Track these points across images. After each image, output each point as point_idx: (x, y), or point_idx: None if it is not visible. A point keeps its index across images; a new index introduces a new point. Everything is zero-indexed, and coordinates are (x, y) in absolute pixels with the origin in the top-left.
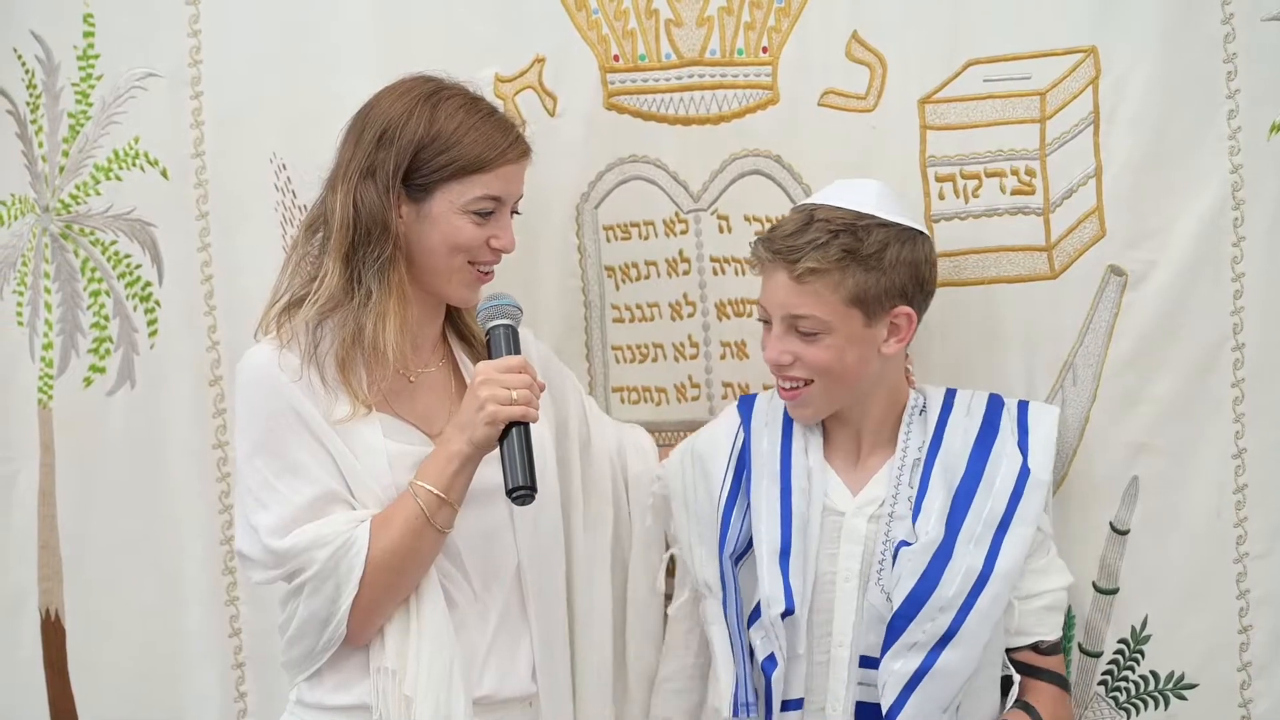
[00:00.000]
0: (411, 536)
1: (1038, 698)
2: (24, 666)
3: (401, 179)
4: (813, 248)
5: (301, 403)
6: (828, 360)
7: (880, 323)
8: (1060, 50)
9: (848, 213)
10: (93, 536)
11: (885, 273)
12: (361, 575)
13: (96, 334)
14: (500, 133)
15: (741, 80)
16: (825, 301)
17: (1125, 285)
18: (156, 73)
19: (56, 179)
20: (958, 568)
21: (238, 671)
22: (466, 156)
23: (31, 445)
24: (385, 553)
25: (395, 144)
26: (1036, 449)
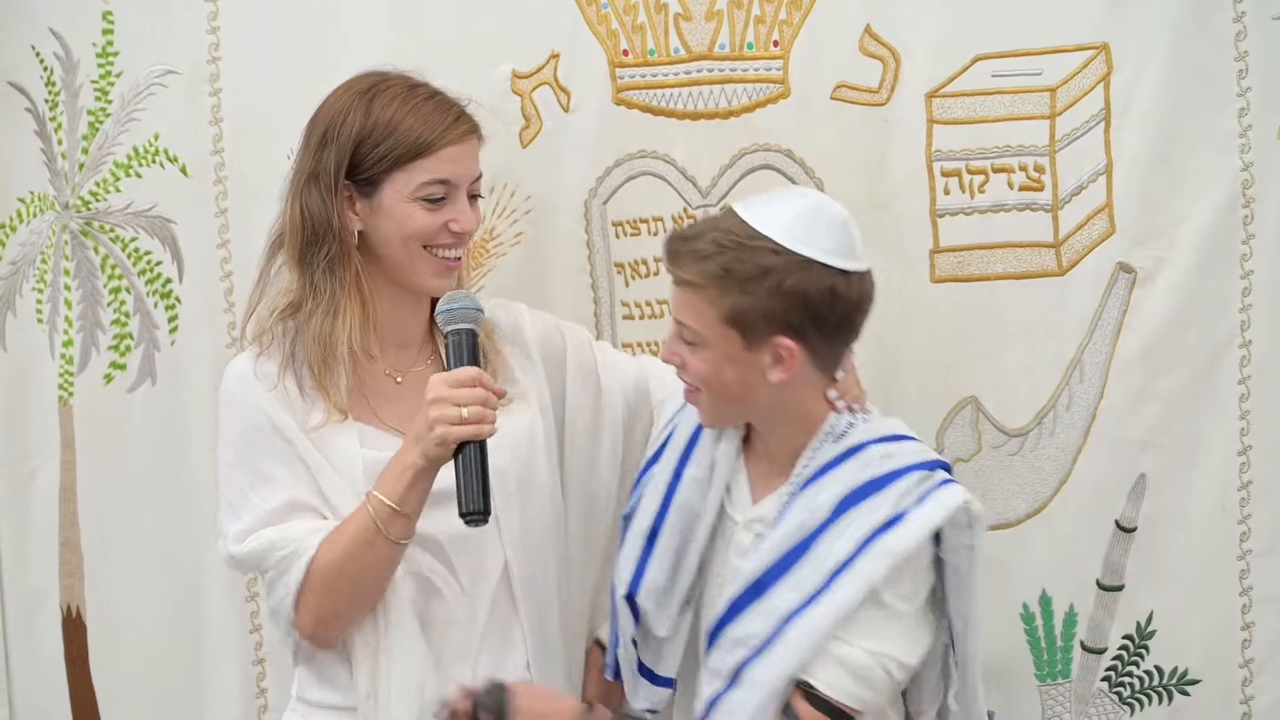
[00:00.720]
0: (362, 546)
1: None
2: (46, 663)
3: (347, 175)
4: (694, 259)
5: (276, 412)
6: (706, 373)
7: (762, 349)
8: (1071, 47)
9: (747, 230)
10: (114, 533)
11: (762, 299)
12: (303, 581)
13: (117, 331)
14: (439, 115)
15: (751, 74)
16: (702, 315)
17: (1134, 282)
18: (176, 70)
19: (76, 176)
20: (768, 608)
21: (258, 667)
22: (404, 143)
23: (52, 442)
24: (335, 561)
25: (335, 143)
26: (910, 523)
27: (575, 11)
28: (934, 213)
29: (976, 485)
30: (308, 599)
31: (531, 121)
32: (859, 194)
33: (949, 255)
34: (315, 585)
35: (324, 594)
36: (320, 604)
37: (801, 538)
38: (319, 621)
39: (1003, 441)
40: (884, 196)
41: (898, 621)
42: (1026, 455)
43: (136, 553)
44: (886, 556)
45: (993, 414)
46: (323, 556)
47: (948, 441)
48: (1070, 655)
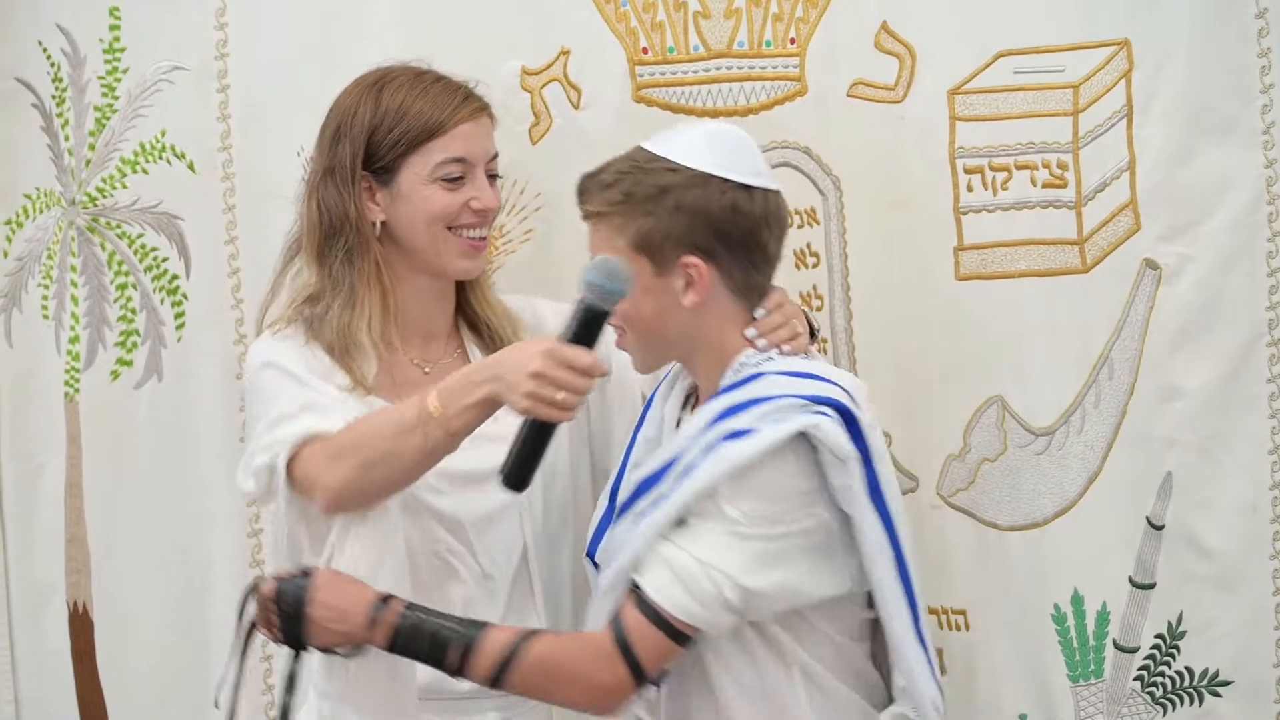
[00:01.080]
0: (397, 429)
1: (578, 634)
2: (52, 659)
3: (364, 166)
4: (598, 189)
5: (303, 362)
6: (625, 309)
7: (672, 272)
8: (1093, 43)
9: (645, 154)
10: (120, 529)
11: (664, 219)
12: (305, 437)
13: (124, 327)
14: (448, 95)
15: (770, 72)
16: (612, 246)
17: (1160, 279)
18: (183, 66)
19: (83, 172)
20: (633, 516)
21: (265, 664)
22: (416, 125)
23: (58, 439)
24: (366, 431)
25: (348, 136)
26: (754, 437)
27: (590, 8)
28: (957, 210)
29: (1004, 485)
30: (320, 457)
31: (541, 118)
32: (877, 191)
33: (973, 253)
34: (334, 448)
35: (341, 457)
36: (344, 463)
37: (673, 454)
38: (336, 482)
39: (1029, 440)
40: (902, 194)
41: (739, 540)
42: (1054, 454)
43: (143, 549)
44: (722, 463)
45: (1018, 413)
46: (358, 425)
47: (974, 441)
48: (1103, 655)
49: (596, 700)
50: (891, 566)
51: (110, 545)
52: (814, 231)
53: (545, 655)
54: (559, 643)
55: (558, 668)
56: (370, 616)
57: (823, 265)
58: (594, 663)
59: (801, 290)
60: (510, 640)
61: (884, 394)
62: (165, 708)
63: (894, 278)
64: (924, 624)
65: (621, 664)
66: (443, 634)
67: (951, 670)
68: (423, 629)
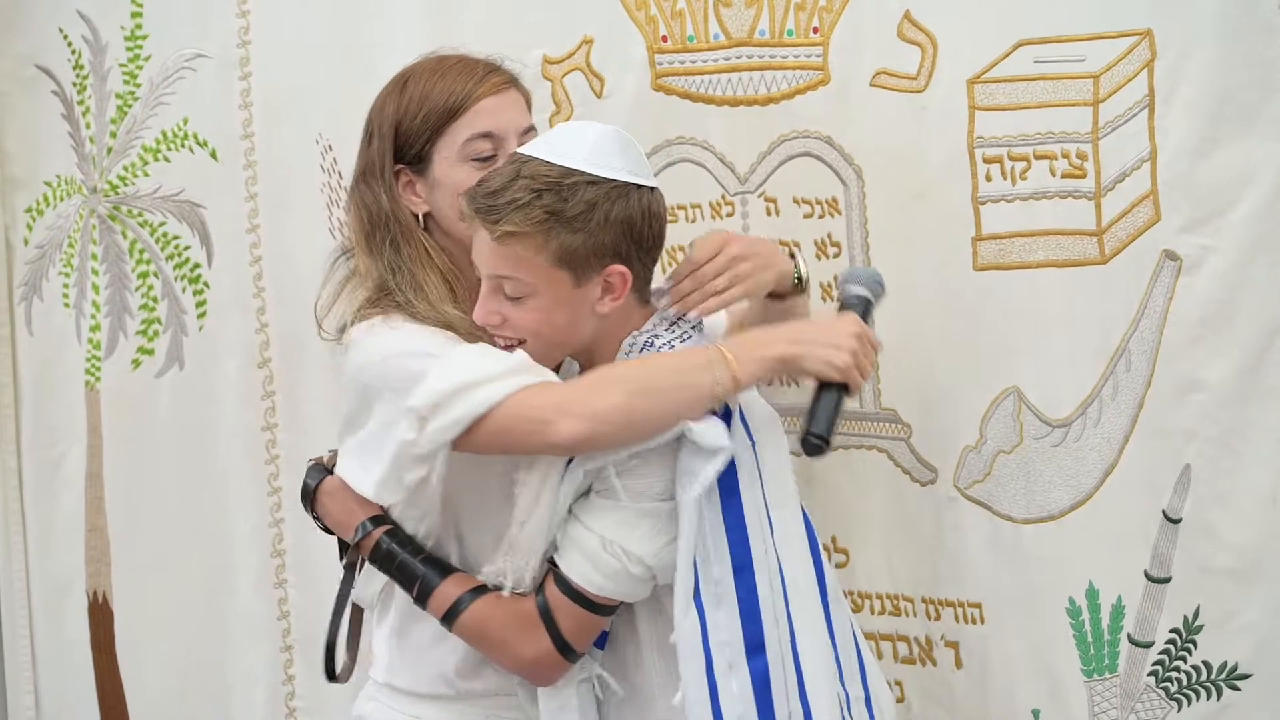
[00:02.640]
0: (674, 365)
1: (511, 598)
2: (71, 649)
3: (398, 160)
4: (513, 209)
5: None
6: (535, 323)
7: (591, 283)
8: (1114, 33)
9: (555, 169)
10: (141, 519)
11: (593, 233)
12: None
13: (145, 316)
14: (466, 73)
15: (791, 61)
16: (529, 264)
17: (1180, 270)
18: (205, 54)
19: (104, 160)
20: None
21: (286, 654)
22: (438, 108)
23: (79, 427)
24: (641, 365)
25: (378, 134)
26: None
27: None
28: (976, 200)
29: (1020, 477)
30: (567, 392)
31: (562, 107)
32: (898, 181)
33: (991, 243)
34: (591, 382)
35: (607, 386)
36: (598, 393)
37: None
38: (607, 413)
39: (1045, 432)
40: (922, 184)
41: (625, 511)
42: (1070, 446)
43: (164, 538)
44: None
45: (1035, 404)
46: (618, 367)
47: (990, 433)
48: (1118, 650)
49: (524, 669)
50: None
51: (131, 535)
52: (835, 221)
53: (478, 620)
54: (494, 609)
55: (488, 633)
56: (356, 533)
57: (844, 255)
58: (520, 634)
59: (822, 281)
60: (455, 595)
61: (903, 385)
62: (185, 698)
63: (912, 268)
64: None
65: (545, 636)
66: (408, 568)
67: (966, 664)
68: (393, 558)
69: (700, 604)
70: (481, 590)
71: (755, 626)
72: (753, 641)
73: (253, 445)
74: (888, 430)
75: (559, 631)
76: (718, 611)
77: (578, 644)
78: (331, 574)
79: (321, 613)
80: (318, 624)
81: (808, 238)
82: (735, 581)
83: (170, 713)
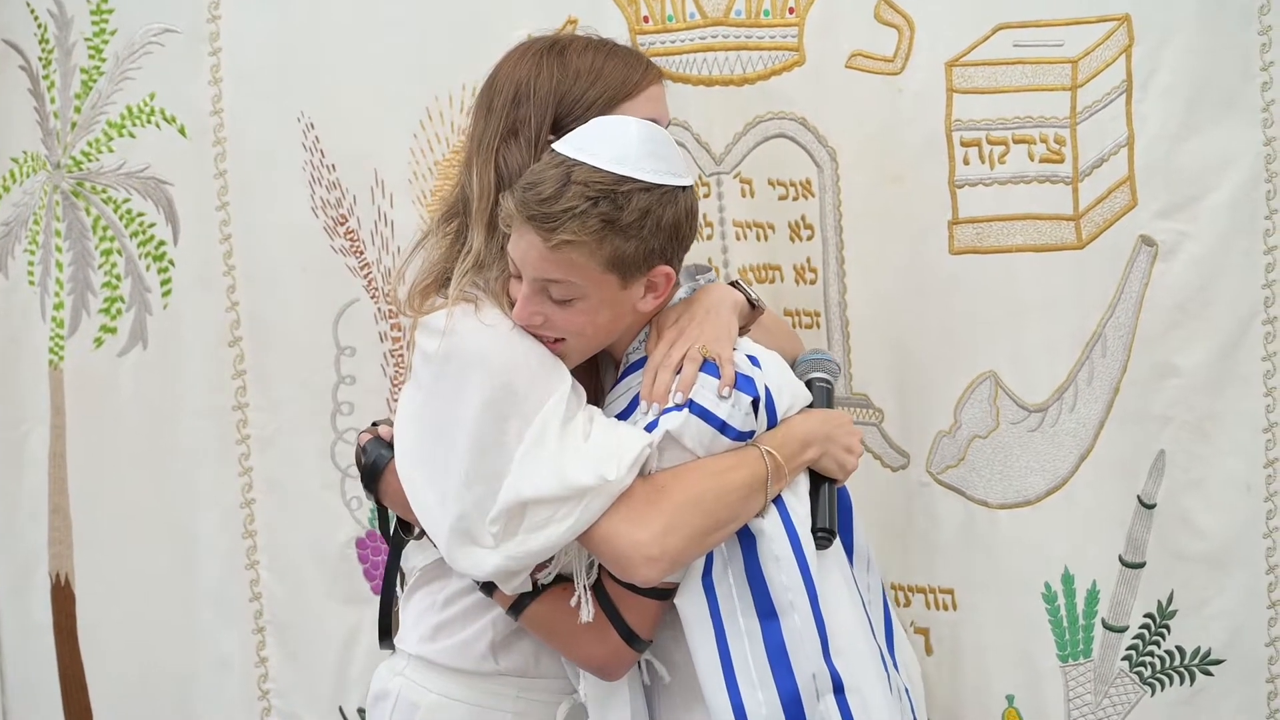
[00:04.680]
0: (736, 488)
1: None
2: (37, 631)
3: (551, 128)
4: (569, 217)
5: (532, 358)
6: (579, 325)
7: (637, 283)
8: (1093, 18)
9: (607, 175)
10: (103, 500)
11: (645, 240)
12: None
13: (108, 294)
14: (634, 57)
15: (767, 42)
16: (580, 268)
17: (1156, 256)
18: (174, 29)
19: (68, 135)
20: None
21: (259, 636)
22: (613, 85)
23: (42, 407)
24: (705, 486)
25: (533, 99)
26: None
27: None
28: (953, 183)
29: (995, 461)
30: (645, 521)
31: None
32: (874, 164)
33: (968, 227)
34: (662, 511)
35: (676, 524)
36: (670, 534)
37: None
38: (677, 557)
39: (1022, 417)
40: (899, 167)
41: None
42: (1046, 431)
43: (127, 520)
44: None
45: (1011, 389)
46: (681, 484)
47: (965, 418)
48: (1092, 634)
49: (593, 665)
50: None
51: (93, 516)
52: (809, 204)
53: (545, 614)
54: (561, 604)
55: (556, 629)
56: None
57: (817, 238)
58: (586, 629)
59: (796, 263)
60: (516, 598)
61: (876, 369)
62: (147, 682)
63: (888, 251)
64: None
65: (611, 630)
66: None
67: (939, 650)
68: None
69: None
70: (539, 591)
71: (763, 592)
72: (764, 608)
73: (223, 425)
74: (859, 415)
75: (625, 623)
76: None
77: (644, 633)
78: (305, 556)
79: (294, 595)
80: (291, 606)
81: (782, 220)
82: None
83: (132, 697)
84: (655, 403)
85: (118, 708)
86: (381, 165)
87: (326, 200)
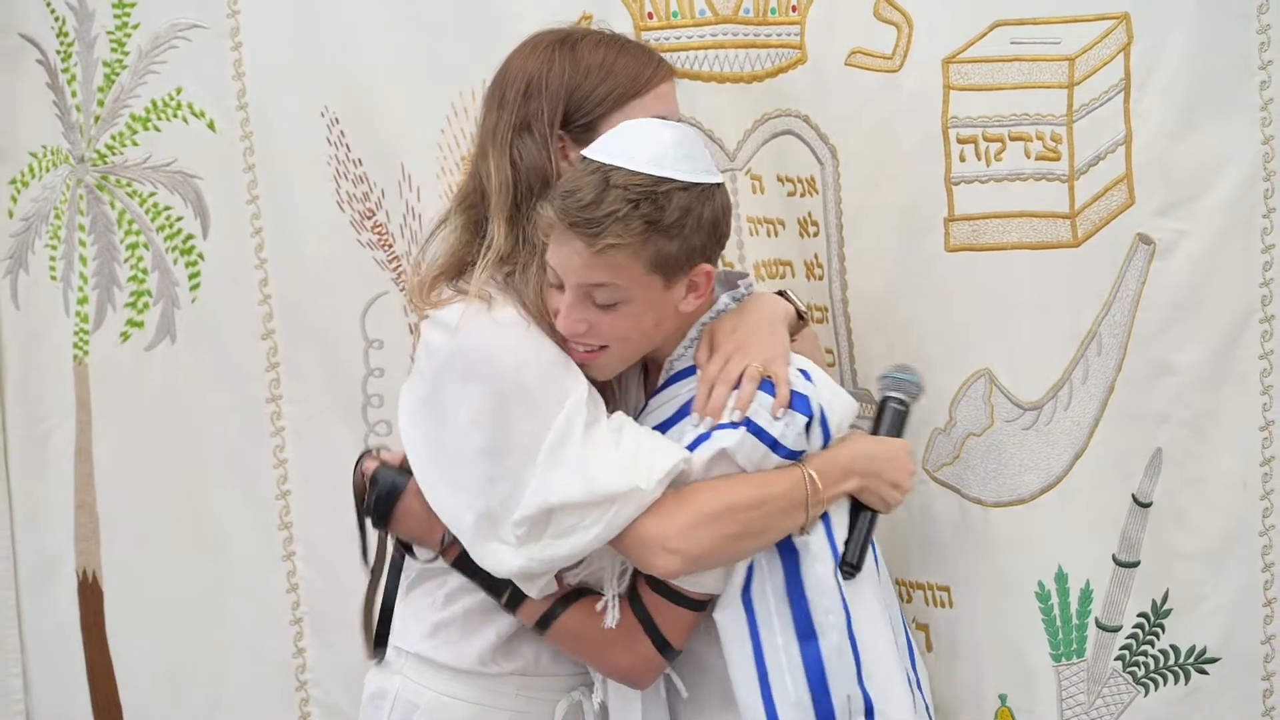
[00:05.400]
0: (777, 502)
1: (602, 608)
2: (61, 629)
3: (561, 124)
4: (613, 220)
5: (549, 347)
6: (625, 329)
7: (679, 284)
8: (1091, 16)
9: (646, 177)
10: (131, 495)
11: (687, 239)
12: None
13: (134, 288)
14: (645, 54)
15: (774, 40)
16: (625, 271)
17: (1153, 254)
18: (200, 23)
19: (92, 129)
20: None
21: (296, 627)
22: (624, 81)
23: (67, 402)
24: (745, 495)
25: (545, 93)
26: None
27: None
28: (949, 180)
29: (990, 459)
30: (680, 518)
31: None
32: (872, 161)
33: (964, 224)
34: (698, 511)
35: (709, 524)
36: (699, 532)
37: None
38: (700, 557)
39: (1016, 415)
40: (896, 164)
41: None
42: (1040, 429)
43: (155, 516)
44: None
45: (1006, 386)
46: (724, 491)
47: (960, 415)
48: (1085, 634)
49: (623, 674)
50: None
51: (121, 512)
52: (814, 200)
53: (574, 626)
54: (590, 616)
55: (585, 640)
56: (443, 540)
57: (821, 234)
58: (618, 639)
59: (806, 259)
60: (547, 604)
61: (873, 366)
62: (179, 678)
63: (885, 247)
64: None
65: (644, 639)
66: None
67: (936, 647)
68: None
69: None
70: (575, 596)
71: (804, 612)
72: (803, 628)
73: (256, 417)
74: (860, 412)
75: (659, 632)
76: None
77: (678, 643)
78: (340, 547)
79: (331, 585)
80: (328, 596)
81: (790, 216)
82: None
83: (163, 692)
84: (710, 417)
85: (149, 703)
86: (408, 159)
87: (353, 194)
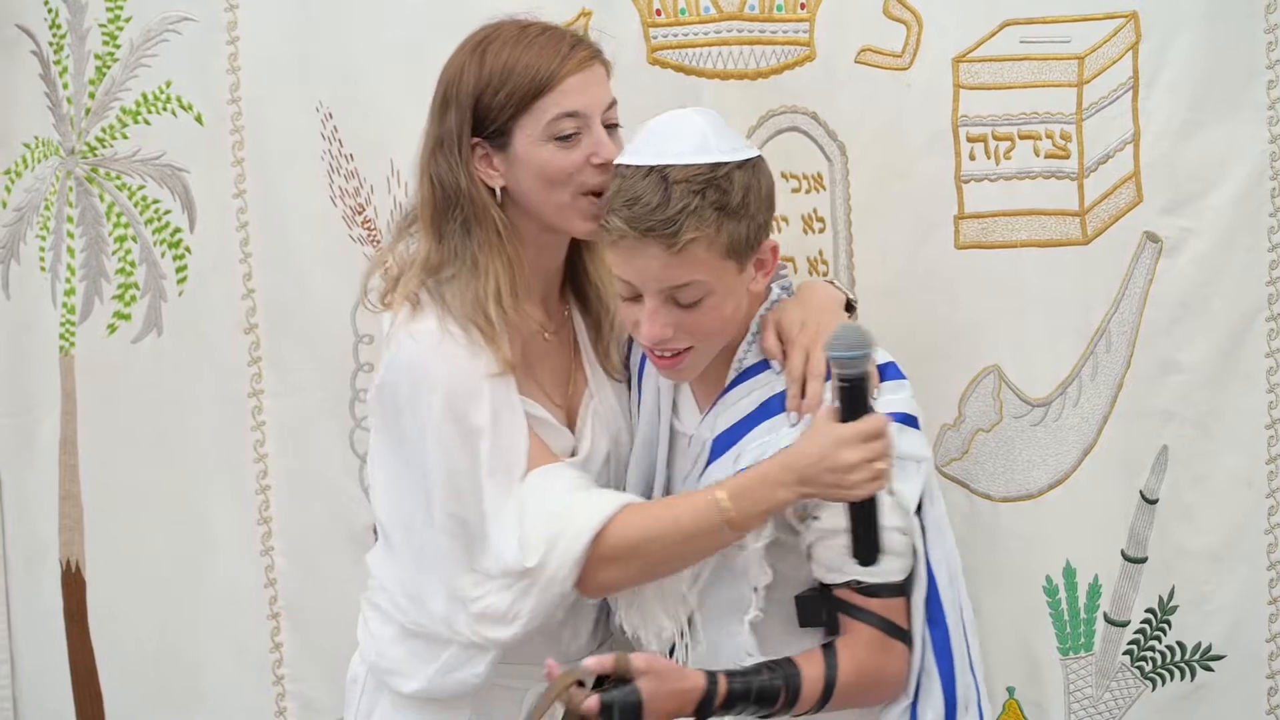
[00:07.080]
0: (684, 530)
1: (847, 640)
2: (45, 618)
3: (476, 132)
4: (686, 215)
5: (467, 367)
6: (710, 322)
7: (750, 264)
8: (1100, 15)
9: (699, 165)
10: (116, 487)
11: (753, 216)
12: (590, 546)
13: (122, 280)
14: (552, 47)
15: (780, 36)
16: (704, 263)
17: (1161, 252)
18: (192, 17)
19: (82, 121)
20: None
21: (273, 622)
22: (523, 84)
23: (53, 393)
24: (655, 526)
25: (455, 103)
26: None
27: None
28: (959, 178)
29: (998, 455)
30: (599, 563)
31: None
32: (881, 158)
33: (973, 221)
34: (614, 548)
35: (625, 560)
36: (616, 568)
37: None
38: (616, 587)
39: (1025, 411)
40: (906, 162)
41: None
42: (1049, 425)
43: (139, 507)
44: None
45: (1015, 383)
46: (635, 522)
47: (969, 411)
48: (1094, 628)
49: (899, 687)
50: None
51: (105, 504)
52: (820, 197)
53: (849, 676)
54: (857, 659)
55: (869, 679)
56: (705, 699)
57: (828, 230)
58: (889, 659)
59: (809, 255)
60: (823, 672)
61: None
62: (159, 671)
63: (894, 245)
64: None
65: (898, 644)
66: (769, 687)
67: None
68: (751, 689)
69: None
70: (828, 650)
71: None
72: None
73: (238, 411)
74: None
75: (903, 631)
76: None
77: (908, 625)
78: (321, 542)
79: (310, 579)
80: (307, 592)
81: (795, 213)
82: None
83: (144, 683)
84: (809, 414)
85: (129, 694)
86: (398, 156)
87: (345, 189)
